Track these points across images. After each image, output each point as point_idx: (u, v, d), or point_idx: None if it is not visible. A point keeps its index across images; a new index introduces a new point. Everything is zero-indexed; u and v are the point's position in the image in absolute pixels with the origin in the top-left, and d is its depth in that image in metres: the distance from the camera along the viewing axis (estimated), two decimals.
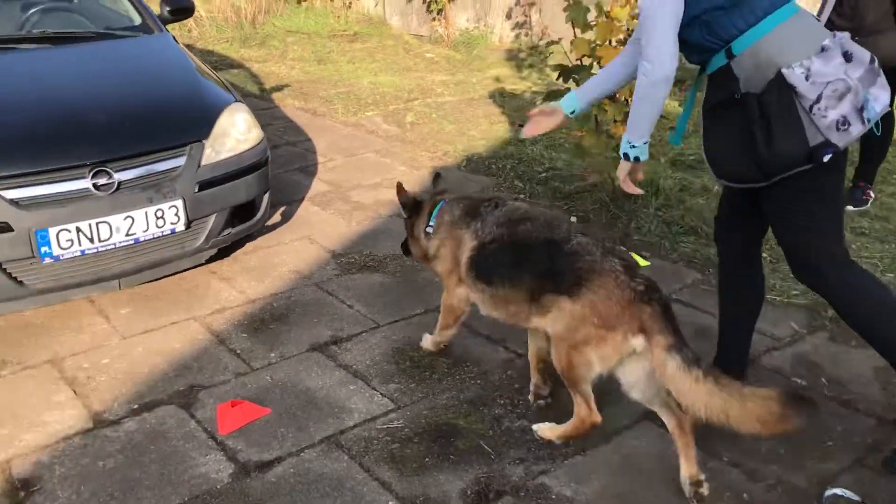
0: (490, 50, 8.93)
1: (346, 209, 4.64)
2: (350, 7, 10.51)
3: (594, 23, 3.95)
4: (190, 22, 9.64)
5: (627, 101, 3.95)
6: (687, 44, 2.43)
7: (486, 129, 6.11)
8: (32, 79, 3.53)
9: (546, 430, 2.66)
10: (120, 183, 3.21)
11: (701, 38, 2.40)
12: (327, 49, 9.32)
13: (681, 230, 4.16)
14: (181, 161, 3.39)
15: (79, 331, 3.33)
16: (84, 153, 3.16)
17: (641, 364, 2.39)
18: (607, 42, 3.84)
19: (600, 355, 2.42)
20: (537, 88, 7.39)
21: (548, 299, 2.52)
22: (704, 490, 2.40)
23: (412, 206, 3.15)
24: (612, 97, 3.91)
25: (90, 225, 3.13)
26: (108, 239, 3.18)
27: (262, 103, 6.98)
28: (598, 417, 2.54)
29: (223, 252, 3.91)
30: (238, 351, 3.20)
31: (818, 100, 2.26)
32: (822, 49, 2.29)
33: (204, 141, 3.47)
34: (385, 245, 4.14)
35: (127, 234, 3.22)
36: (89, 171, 3.14)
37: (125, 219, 3.21)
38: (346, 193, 4.90)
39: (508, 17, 8.86)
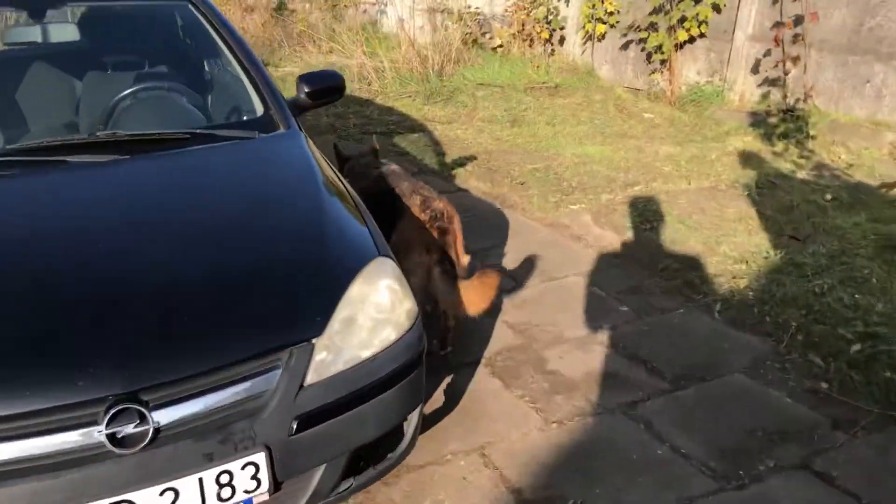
0: (727, 111, 7.07)
1: (541, 391, 3.05)
2: (552, 54, 9.03)
3: None
4: (371, 73, 8.58)
5: None
6: None
7: (745, 244, 4.30)
8: (50, 227, 2.20)
9: None
10: (158, 430, 1.82)
11: None
12: (523, 106, 7.87)
13: None
14: (270, 381, 1.95)
15: None
16: (99, 378, 1.80)
17: None
18: None
19: (407, 268, 2.86)
20: (805, 175, 5.46)
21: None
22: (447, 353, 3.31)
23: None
24: None
25: None
26: None
27: (438, 183, 5.59)
28: None
29: None
30: None
31: None
32: None
33: (315, 340, 2.03)
34: (611, 481, 2.51)
35: None
36: (105, 413, 1.77)
37: (163, 493, 1.81)
38: (540, 354, 3.32)
39: (755, 70, 6.97)
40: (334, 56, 9.05)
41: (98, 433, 1.77)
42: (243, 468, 1.89)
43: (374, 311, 2.19)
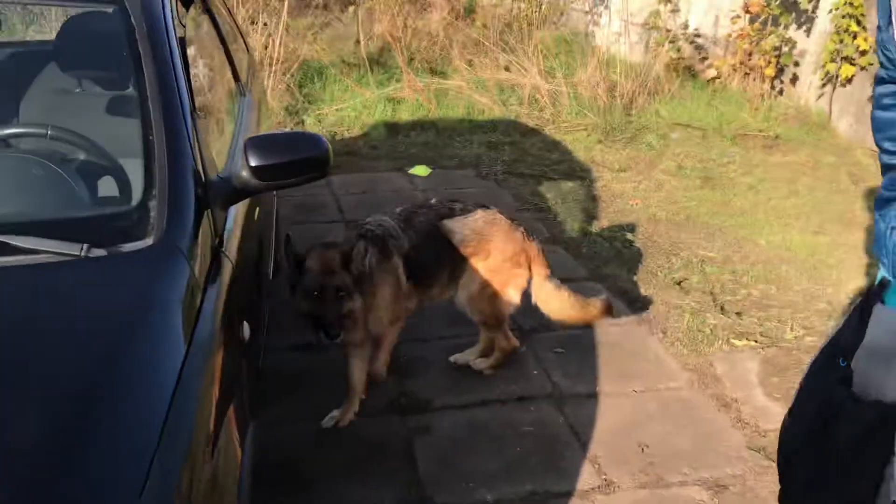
0: None
1: None
2: (780, 94, 7.16)
3: None
4: (543, 98, 7.22)
5: None
6: None
7: None
8: None
9: (480, 363, 3.19)
10: None
11: None
12: (725, 159, 6.19)
13: None
14: None
15: None
16: None
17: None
18: None
19: (517, 290, 3.06)
20: None
21: (460, 268, 3.02)
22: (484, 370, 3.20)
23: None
24: None
25: None
26: None
27: (559, 266, 4.14)
28: (516, 343, 3.20)
29: None
30: None
31: None
32: None
33: None
34: None
35: None
36: None
37: None
38: None
39: None
40: (507, 73, 7.77)
41: None
42: None
43: None
